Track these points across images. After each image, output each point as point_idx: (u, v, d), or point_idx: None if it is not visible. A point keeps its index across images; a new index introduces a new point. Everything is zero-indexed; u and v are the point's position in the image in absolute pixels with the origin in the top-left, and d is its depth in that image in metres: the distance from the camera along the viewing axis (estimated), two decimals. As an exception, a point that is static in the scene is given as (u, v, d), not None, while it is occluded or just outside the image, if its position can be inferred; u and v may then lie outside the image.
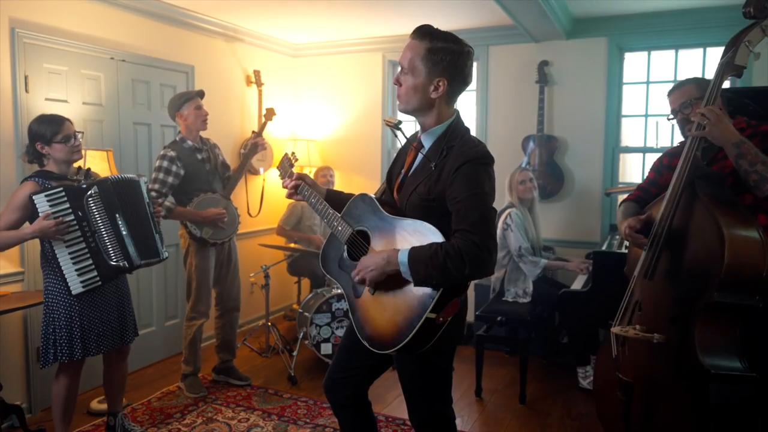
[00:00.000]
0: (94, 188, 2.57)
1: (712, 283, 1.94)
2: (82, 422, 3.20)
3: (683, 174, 2.10)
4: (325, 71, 5.34)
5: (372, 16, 4.34)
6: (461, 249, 1.61)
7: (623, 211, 2.47)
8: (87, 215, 2.55)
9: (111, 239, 2.59)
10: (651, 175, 2.53)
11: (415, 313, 1.69)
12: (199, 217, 3.38)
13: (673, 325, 2.06)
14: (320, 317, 3.88)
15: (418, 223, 1.75)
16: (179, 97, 3.45)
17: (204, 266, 3.50)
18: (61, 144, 2.58)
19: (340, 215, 1.98)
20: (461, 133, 1.84)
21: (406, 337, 1.69)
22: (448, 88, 1.79)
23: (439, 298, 1.66)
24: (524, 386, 3.54)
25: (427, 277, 1.65)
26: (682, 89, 2.30)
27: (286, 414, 3.35)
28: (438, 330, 1.72)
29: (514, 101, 4.64)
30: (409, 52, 1.79)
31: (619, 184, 4.47)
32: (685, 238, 2.08)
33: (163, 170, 3.32)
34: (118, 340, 2.77)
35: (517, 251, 3.69)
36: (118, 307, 2.77)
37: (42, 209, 2.47)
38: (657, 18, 4.13)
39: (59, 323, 2.58)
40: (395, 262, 1.70)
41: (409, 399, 1.96)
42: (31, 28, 3.24)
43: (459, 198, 1.69)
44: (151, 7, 3.94)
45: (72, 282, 2.52)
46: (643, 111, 4.42)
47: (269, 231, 5.11)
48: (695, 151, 2.09)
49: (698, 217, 2.04)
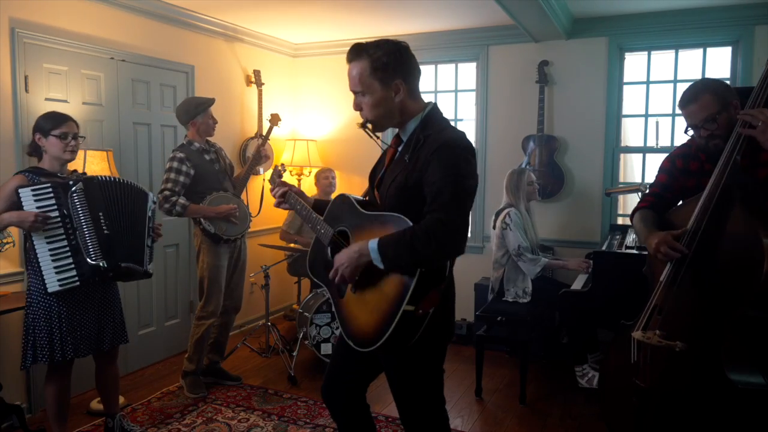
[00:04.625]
0: (79, 185, 2.57)
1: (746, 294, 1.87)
2: (82, 422, 3.20)
3: (721, 179, 2.00)
4: (325, 71, 5.34)
5: (372, 15, 4.34)
6: (427, 227, 1.63)
7: (642, 219, 2.31)
8: (71, 212, 2.54)
9: (92, 237, 2.56)
10: (663, 178, 2.40)
11: (394, 307, 1.68)
12: (212, 213, 3.43)
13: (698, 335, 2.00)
14: (320, 317, 3.88)
15: (391, 215, 1.78)
16: (195, 106, 3.47)
17: (216, 264, 3.52)
18: (57, 139, 2.58)
19: (323, 218, 2.02)
20: (438, 123, 1.84)
21: (386, 332, 1.68)
22: (406, 85, 1.82)
23: (415, 289, 1.65)
24: (524, 386, 3.54)
25: (396, 257, 1.66)
26: (700, 102, 2.13)
27: (286, 414, 3.35)
28: (420, 324, 1.71)
29: (514, 101, 4.63)
30: (356, 74, 1.82)
31: (619, 184, 4.46)
32: (717, 245, 1.99)
33: (174, 170, 3.36)
34: (94, 346, 2.71)
35: (516, 250, 3.69)
36: (99, 313, 2.71)
37: (26, 203, 2.46)
38: (657, 18, 4.13)
39: (39, 323, 2.57)
40: (366, 251, 1.71)
41: (398, 400, 1.94)
42: (31, 28, 3.24)
43: (433, 180, 1.70)
44: (151, 7, 3.94)
45: (49, 279, 2.48)
46: (643, 111, 4.41)
47: (269, 231, 5.11)
48: (736, 155, 2.00)
49: (735, 225, 1.96)
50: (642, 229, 2.29)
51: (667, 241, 2.06)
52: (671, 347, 1.99)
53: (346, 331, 1.86)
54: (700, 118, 2.14)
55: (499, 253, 3.82)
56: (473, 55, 4.79)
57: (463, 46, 4.79)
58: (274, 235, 4.91)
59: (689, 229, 2.05)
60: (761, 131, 1.93)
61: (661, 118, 4.36)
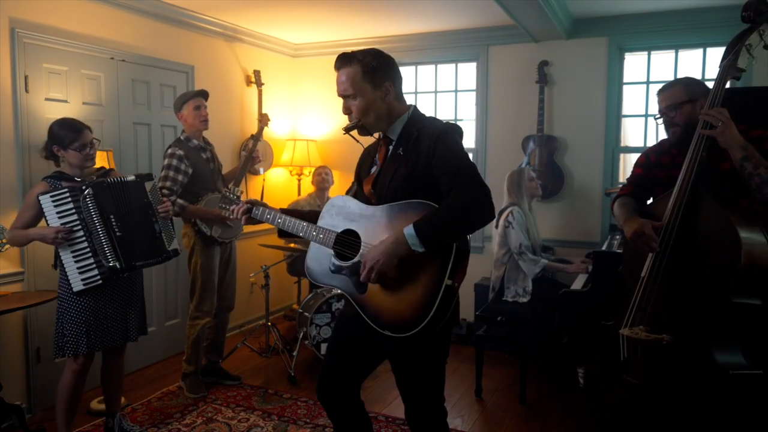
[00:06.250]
0: (88, 190, 2.63)
1: (725, 284, 1.93)
2: (82, 422, 3.20)
3: (690, 174, 2.08)
4: (324, 71, 5.34)
5: (372, 16, 4.34)
6: (461, 198, 1.75)
7: (624, 207, 2.40)
8: (85, 216, 2.63)
9: (106, 240, 2.65)
10: (639, 171, 2.51)
11: (434, 285, 1.76)
12: (211, 216, 3.42)
13: (682, 326, 2.05)
14: (320, 317, 3.88)
15: (408, 202, 1.85)
16: (180, 98, 3.49)
17: (209, 265, 3.52)
18: (76, 152, 2.67)
19: (317, 225, 2.03)
20: (424, 118, 1.98)
21: (430, 310, 1.75)
22: (394, 87, 1.95)
23: (453, 263, 1.74)
24: (524, 386, 3.54)
25: (439, 235, 1.75)
26: (671, 91, 2.30)
27: (286, 414, 3.35)
28: (453, 298, 1.80)
29: (514, 101, 4.63)
30: (347, 79, 1.92)
31: (619, 184, 4.46)
32: (692, 238, 2.06)
33: (173, 168, 3.35)
34: (121, 338, 2.81)
35: (518, 249, 3.69)
36: (125, 305, 2.80)
37: (47, 209, 2.57)
38: (657, 18, 4.13)
39: (68, 318, 2.65)
40: (402, 239, 1.76)
41: (404, 392, 1.98)
42: (31, 28, 3.24)
43: (445, 161, 1.81)
44: (151, 7, 3.94)
45: (73, 279, 2.60)
46: (643, 111, 4.42)
47: (269, 231, 5.10)
48: (702, 151, 2.09)
49: (707, 218, 2.03)
50: (621, 214, 2.37)
51: (645, 229, 2.13)
52: (658, 341, 2.05)
53: (380, 323, 1.87)
54: (665, 105, 2.29)
55: (501, 251, 3.82)
56: (473, 55, 4.79)
57: (463, 46, 4.80)
58: (274, 235, 4.90)
59: (664, 223, 2.13)
60: (720, 132, 2.04)
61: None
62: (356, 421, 2.15)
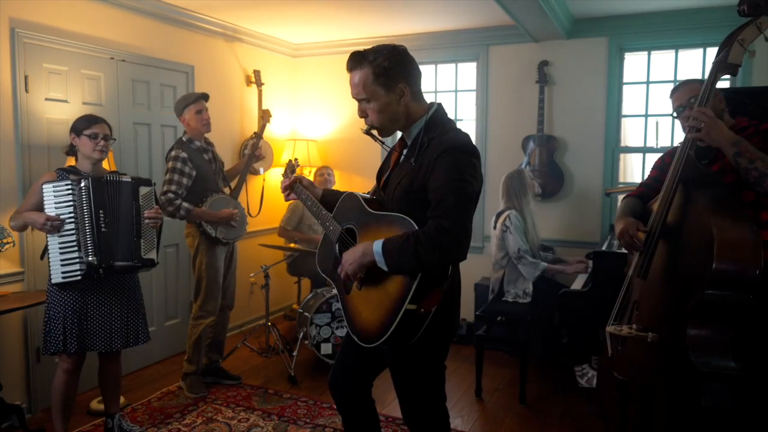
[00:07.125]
0: (85, 182, 2.66)
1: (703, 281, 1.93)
2: (82, 422, 3.20)
3: (677, 173, 2.10)
4: (325, 71, 5.35)
5: (372, 15, 4.34)
6: (430, 234, 1.65)
7: (624, 206, 2.44)
8: (77, 207, 2.66)
9: (91, 234, 2.66)
10: (654, 173, 2.52)
11: (396, 305, 1.71)
12: (216, 218, 3.43)
13: (667, 324, 2.05)
14: (320, 317, 3.88)
15: (397, 216, 1.79)
16: (181, 101, 3.49)
17: (214, 264, 3.53)
18: (88, 138, 2.72)
19: (332, 215, 2.04)
20: (442, 125, 1.85)
21: (389, 329, 1.71)
22: (410, 88, 1.83)
23: (417, 289, 1.67)
24: (524, 386, 3.54)
25: (400, 263, 1.68)
26: (689, 86, 2.30)
27: (286, 414, 3.35)
28: (422, 322, 1.74)
29: (514, 101, 4.63)
30: (359, 82, 1.83)
31: (619, 184, 4.46)
32: (678, 237, 2.08)
33: (178, 171, 3.35)
34: (121, 342, 2.79)
35: (516, 253, 3.69)
36: (122, 309, 2.79)
37: (47, 198, 2.62)
38: (657, 18, 4.13)
39: (53, 313, 2.67)
40: (370, 252, 1.74)
41: (401, 396, 1.97)
42: (31, 28, 3.24)
43: (437, 185, 1.72)
44: (151, 7, 3.94)
45: (54, 270, 2.62)
46: (643, 111, 4.41)
47: (269, 231, 5.11)
48: (688, 150, 2.09)
49: (690, 217, 2.04)
50: (618, 213, 2.43)
51: (630, 229, 2.17)
52: (642, 338, 2.05)
53: (352, 326, 1.89)
54: (686, 98, 2.28)
55: (500, 254, 3.82)
56: (473, 55, 4.79)
57: (463, 46, 4.80)
58: (274, 235, 4.91)
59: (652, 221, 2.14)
60: (705, 133, 2.04)
61: (661, 118, 4.36)
62: (364, 417, 2.14)
